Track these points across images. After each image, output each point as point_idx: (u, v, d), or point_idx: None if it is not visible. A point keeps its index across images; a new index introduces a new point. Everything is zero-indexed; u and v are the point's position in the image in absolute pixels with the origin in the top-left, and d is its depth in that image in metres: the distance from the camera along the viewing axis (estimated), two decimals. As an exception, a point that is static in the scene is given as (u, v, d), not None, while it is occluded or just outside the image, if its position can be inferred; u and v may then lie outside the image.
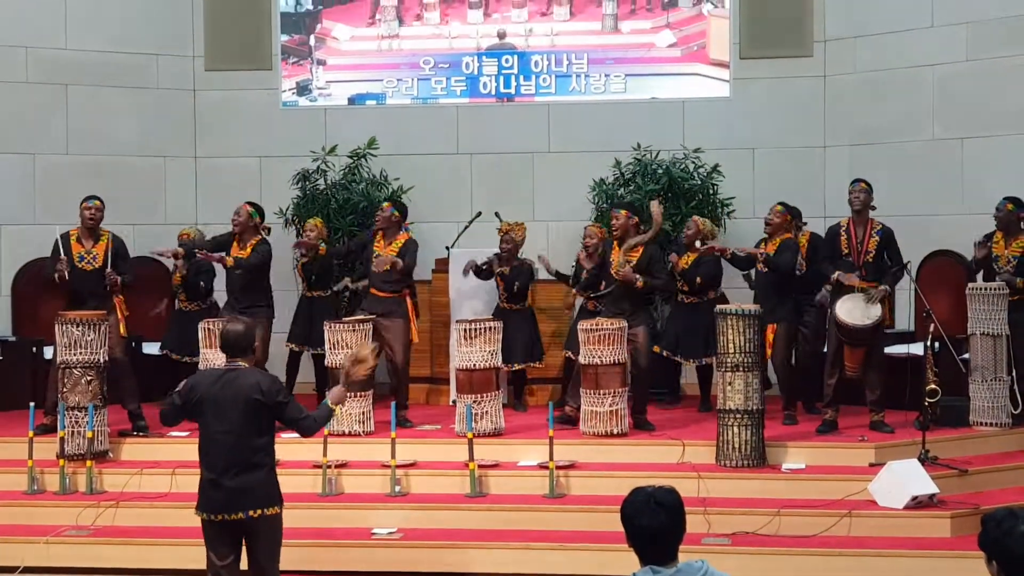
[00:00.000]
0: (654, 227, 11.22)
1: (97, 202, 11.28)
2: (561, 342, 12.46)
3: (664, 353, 12.07)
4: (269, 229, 11.89)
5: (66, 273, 11.02)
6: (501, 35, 14.56)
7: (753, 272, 11.83)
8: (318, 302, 12.51)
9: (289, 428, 7.38)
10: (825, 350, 11.33)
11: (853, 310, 10.76)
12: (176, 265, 12.52)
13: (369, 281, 12.00)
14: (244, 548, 7.26)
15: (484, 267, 12.03)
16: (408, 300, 11.90)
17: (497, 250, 12.11)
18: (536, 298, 12.65)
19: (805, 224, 12.11)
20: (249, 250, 11.63)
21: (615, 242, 11.22)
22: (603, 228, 12.11)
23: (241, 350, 7.27)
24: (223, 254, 11.51)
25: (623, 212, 11.28)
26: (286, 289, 12.87)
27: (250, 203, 11.79)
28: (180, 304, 12.76)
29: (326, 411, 7.34)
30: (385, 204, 12.13)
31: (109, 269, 11.14)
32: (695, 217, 12.21)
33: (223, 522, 7.16)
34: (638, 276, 10.96)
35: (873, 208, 11.15)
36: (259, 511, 7.10)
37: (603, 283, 11.30)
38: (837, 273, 10.93)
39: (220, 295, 12.35)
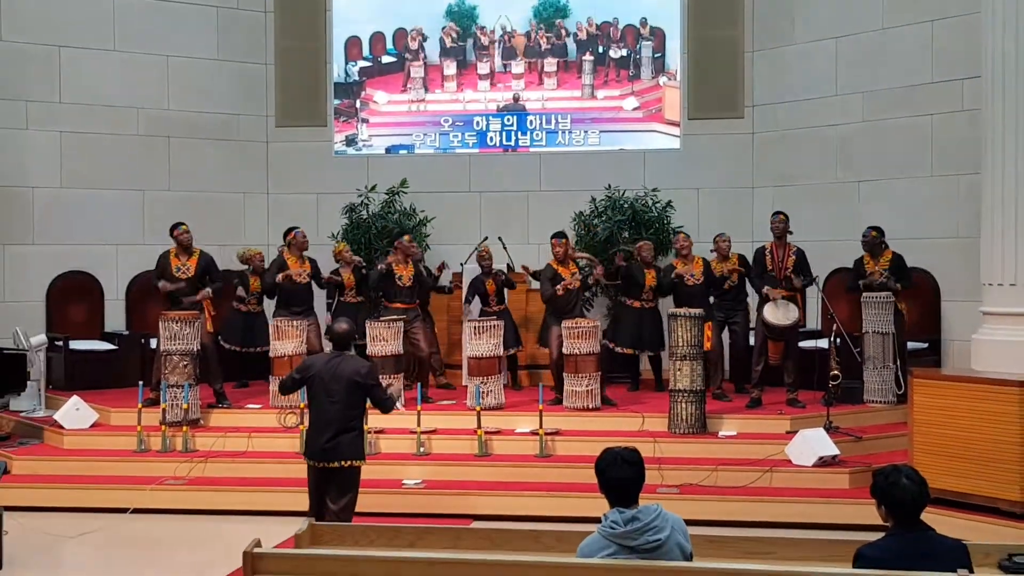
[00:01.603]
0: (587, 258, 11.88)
1: (184, 226, 11.24)
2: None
3: (628, 351, 12.00)
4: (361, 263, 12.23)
5: (168, 284, 11.03)
6: (516, 98, 14.56)
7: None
8: (354, 306, 12.40)
9: (376, 406, 7.72)
10: (752, 343, 11.34)
11: (776, 312, 10.81)
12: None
13: (390, 296, 11.90)
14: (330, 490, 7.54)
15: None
16: (420, 309, 12.01)
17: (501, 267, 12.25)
18: (529, 303, 12.70)
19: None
20: (308, 265, 11.77)
21: (556, 264, 11.31)
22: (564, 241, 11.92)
23: (345, 344, 7.69)
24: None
25: (564, 240, 11.39)
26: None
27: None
28: (250, 307, 12.62)
29: (393, 401, 7.82)
30: (406, 237, 12.12)
31: (203, 294, 11.13)
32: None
33: (323, 468, 7.49)
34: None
35: (790, 233, 11.17)
36: (348, 462, 7.49)
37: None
38: (766, 288, 10.97)
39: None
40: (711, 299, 11.56)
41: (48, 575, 7.96)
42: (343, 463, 7.46)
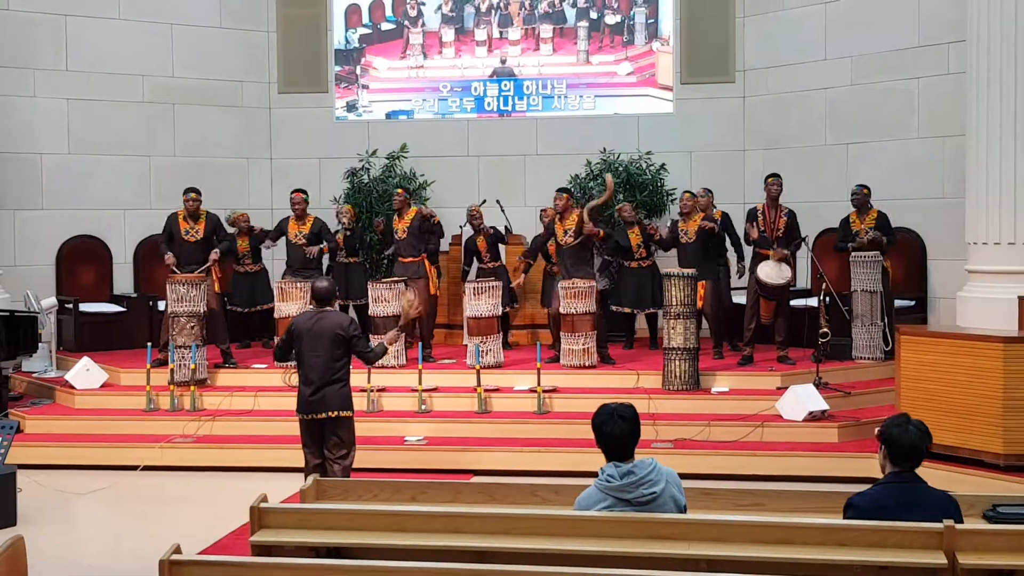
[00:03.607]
0: (607, 192, 11.35)
1: (194, 194, 11.25)
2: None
3: (626, 310, 12.01)
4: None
5: (173, 261, 11.04)
6: (503, 60, 14.48)
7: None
8: (352, 266, 12.46)
9: (358, 357, 7.71)
10: (742, 302, 11.33)
11: (771, 272, 10.77)
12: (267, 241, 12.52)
13: (396, 250, 11.97)
14: (327, 442, 7.58)
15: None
16: (427, 263, 11.92)
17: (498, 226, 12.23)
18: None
19: (714, 208, 11.97)
20: (309, 226, 11.83)
21: (556, 219, 11.20)
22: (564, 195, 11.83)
23: (327, 301, 7.68)
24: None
25: (564, 195, 11.26)
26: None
27: (303, 191, 11.90)
28: (247, 267, 12.66)
29: (382, 348, 7.83)
30: (399, 191, 12.15)
31: (212, 257, 11.14)
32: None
33: (312, 420, 7.53)
34: (599, 230, 11.02)
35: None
36: (336, 412, 7.50)
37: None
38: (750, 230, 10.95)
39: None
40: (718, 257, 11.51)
41: (61, 531, 7.97)
42: (330, 414, 7.49)
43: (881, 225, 11.07)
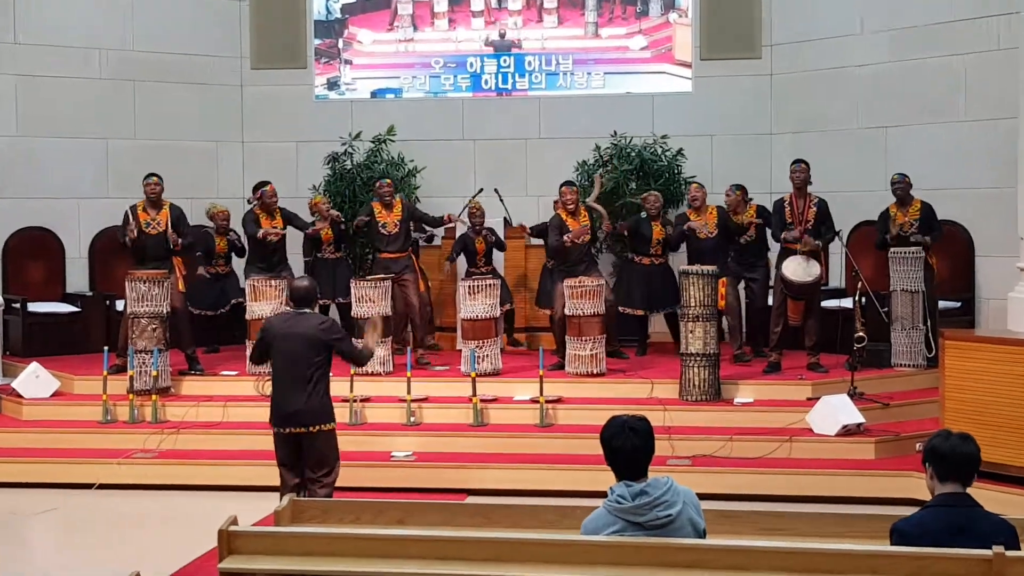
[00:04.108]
0: (596, 190, 11.83)
1: (155, 178, 11.27)
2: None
3: (639, 311, 12.01)
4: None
5: (135, 233, 11.01)
6: (502, 34, 14.47)
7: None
8: (339, 262, 12.48)
9: (345, 360, 7.78)
10: (770, 304, 11.32)
11: (797, 269, 10.76)
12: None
13: (378, 246, 11.97)
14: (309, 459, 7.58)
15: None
16: (414, 258, 11.94)
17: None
18: (529, 260, 12.70)
19: (751, 199, 12.02)
20: (280, 220, 11.87)
21: (565, 214, 11.30)
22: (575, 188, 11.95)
23: (307, 302, 7.65)
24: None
25: (574, 188, 11.45)
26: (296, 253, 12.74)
27: (268, 183, 12.00)
28: (218, 268, 12.72)
29: (370, 351, 7.88)
30: (387, 180, 12.13)
31: (171, 231, 11.13)
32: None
33: (288, 434, 7.50)
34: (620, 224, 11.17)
35: (810, 184, 11.11)
36: (317, 427, 7.47)
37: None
38: (792, 232, 10.92)
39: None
40: (729, 254, 11.54)
41: (7, 555, 7.96)
42: (311, 428, 7.46)
43: (926, 218, 11.06)
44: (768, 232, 11.53)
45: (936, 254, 11.21)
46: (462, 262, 12.40)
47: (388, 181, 12.13)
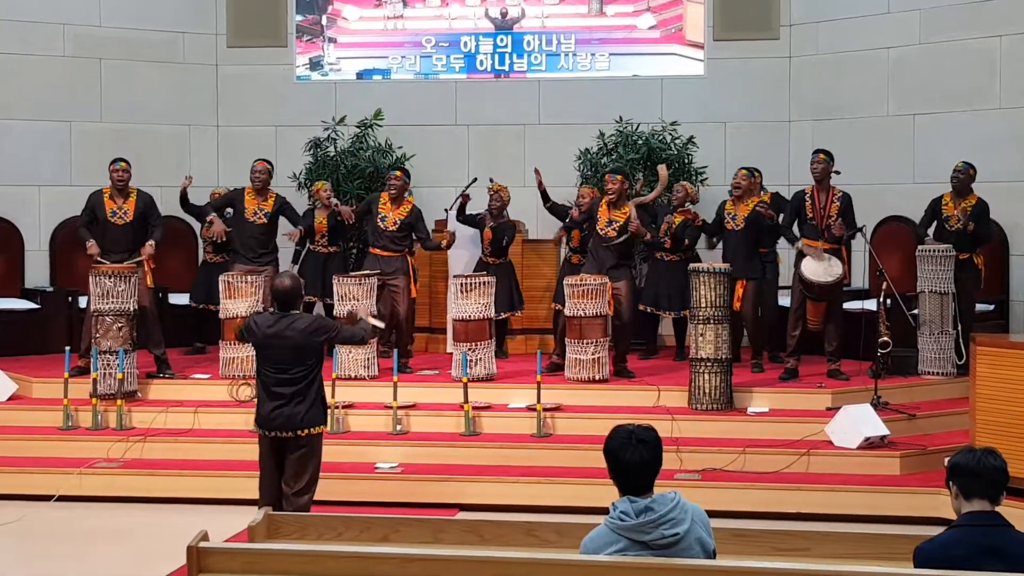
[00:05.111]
0: (660, 186, 11.48)
1: (124, 163, 11.24)
2: (548, 296, 12.44)
3: (649, 309, 12.05)
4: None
5: (96, 249, 10.98)
6: (503, 14, 14.47)
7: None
8: (331, 257, 12.42)
9: (346, 344, 7.97)
10: (780, 302, 11.33)
11: (817, 268, 10.75)
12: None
13: (372, 241, 11.89)
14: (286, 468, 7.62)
15: (463, 206, 12.14)
16: (409, 259, 11.85)
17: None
18: (525, 256, 12.67)
19: (764, 189, 12.04)
20: (271, 203, 11.72)
21: (605, 203, 11.18)
22: (594, 189, 12.06)
23: (292, 304, 7.64)
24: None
25: (619, 177, 11.27)
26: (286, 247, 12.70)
27: (266, 160, 11.88)
28: (206, 256, 12.72)
29: (369, 325, 7.92)
30: (397, 172, 11.92)
31: (144, 250, 11.08)
32: (683, 182, 12.20)
33: (274, 438, 7.54)
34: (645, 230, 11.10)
35: (837, 173, 11.04)
36: (305, 431, 7.52)
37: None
38: (802, 241, 10.90)
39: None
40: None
41: (-41, 573, 7.95)
42: (300, 432, 7.50)
43: (978, 214, 11.07)
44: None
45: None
46: (471, 250, 12.34)
47: (399, 173, 11.85)
